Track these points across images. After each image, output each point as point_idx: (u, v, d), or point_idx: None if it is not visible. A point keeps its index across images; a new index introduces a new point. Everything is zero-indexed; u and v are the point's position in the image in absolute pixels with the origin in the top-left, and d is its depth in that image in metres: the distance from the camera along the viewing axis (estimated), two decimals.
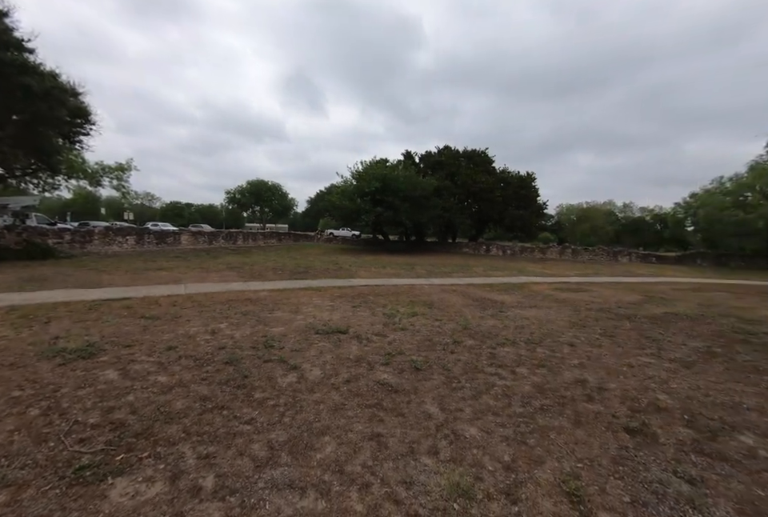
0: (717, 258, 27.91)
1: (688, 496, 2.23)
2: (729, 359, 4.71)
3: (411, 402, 3.30)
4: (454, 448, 2.64)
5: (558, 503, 2.15)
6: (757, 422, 3.15)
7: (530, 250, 28.72)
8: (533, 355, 4.56)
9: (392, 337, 5.17)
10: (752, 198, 26.13)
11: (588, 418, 3.08)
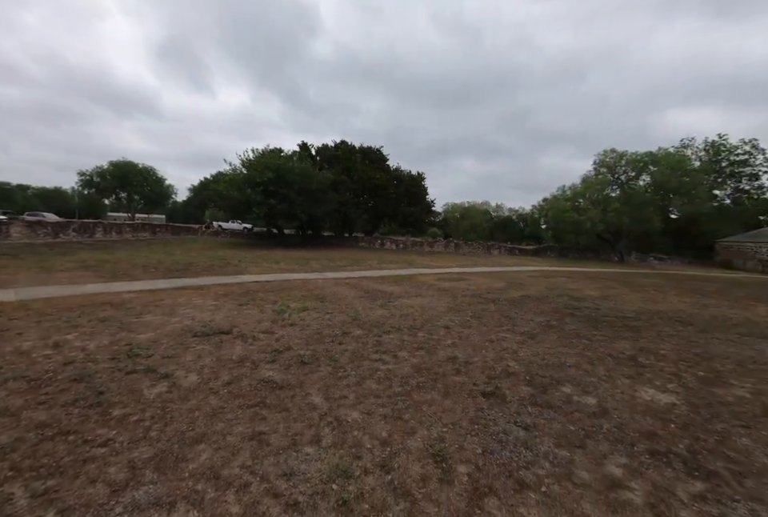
0: (561, 251, 34.59)
1: (523, 440, 2.77)
2: (560, 329, 5.95)
3: (296, 396, 3.30)
4: (336, 433, 2.75)
5: (425, 466, 2.44)
6: (574, 375, 4.07)
7: (420, 244, 31.09)
8: (414, 340, 5.01)
9: (280, 333, 5.06)
10: (583, 204, 33.00)
11: (455, 389, 3.55)
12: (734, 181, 41.14)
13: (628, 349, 5.08)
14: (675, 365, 4.54)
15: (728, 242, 36.04)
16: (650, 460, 2.63)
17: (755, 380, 4.21)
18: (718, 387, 3.94)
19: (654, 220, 29.44)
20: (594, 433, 2.92)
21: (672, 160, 31.57)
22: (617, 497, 2.26)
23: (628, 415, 3.22)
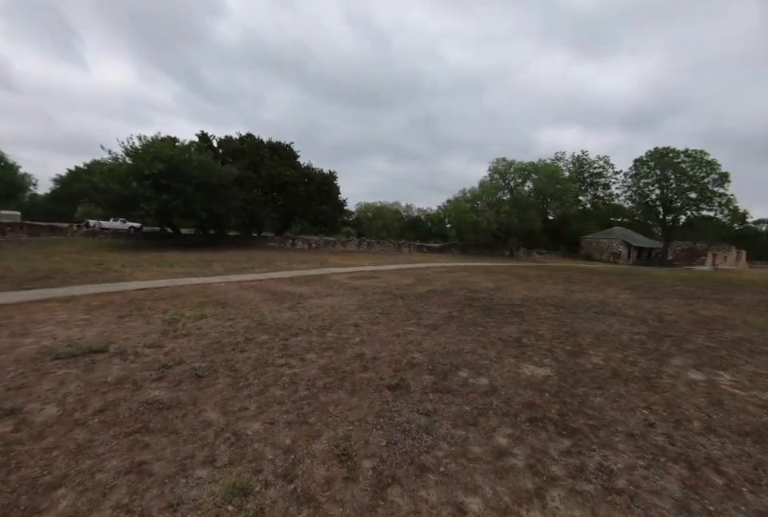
0: (463, 248, 37.89)
1: (424, 426, 2.93)
2: (460, 320, 6.49)
3: (188, 414, 2.96)
4: (234, 450, 2.54)
5: (330, 468, 2.40)
6: (470, 360, 4.46)
7: (333, 243, 30.94)
8: (323, 340, 4.93)
9: (171, 346, 4.50)
10: (480, 206, 36.65)
11: (362, 386, 3.59)
12: (593, 189, 50.22)
13: (514, 332, 5.78)
14: (550, 342, 5.31)
15: (589, 239, 43.79)
16: (530, 427, 3.01)
17: (606, 349, 5.17)
18: (580, 358, 4.73)
19: (536, 220, 34.25)
20: (485, 410, 3.24)
21: (549, 170, 37.02)
22: (503, 464, 2.53)
23: (513, 390, 3.65)
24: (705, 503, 2.28)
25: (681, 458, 2.72)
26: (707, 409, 3.51)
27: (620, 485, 2.40)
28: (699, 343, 5.71)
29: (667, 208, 39.73)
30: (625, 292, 11.13)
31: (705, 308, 9.00)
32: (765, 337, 6.36)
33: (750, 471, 2.60)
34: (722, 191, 37.02)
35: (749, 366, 4.77)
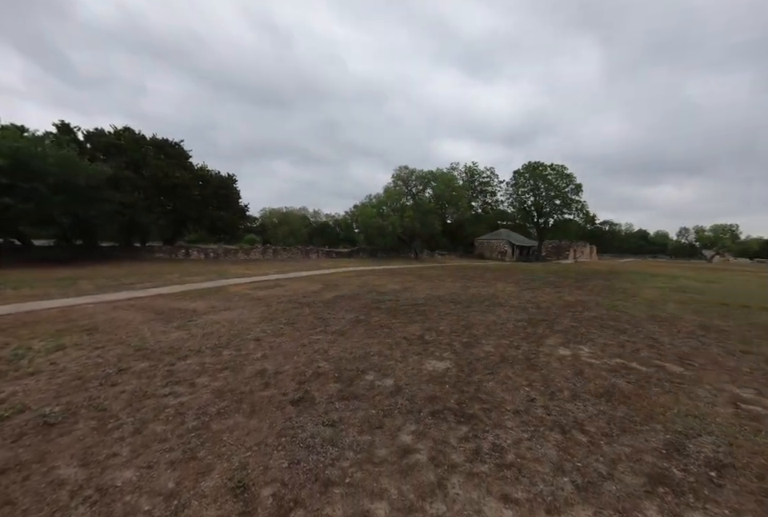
0: (371, 252, 38.81)
1: (329, 437, 2.82)
2: (367, 323, 6.55)
3: (32, 476, 2.34)
4: (96, 510, 2.07)
5: (222, 505, 2.12)
6: (376, 362, 4.50)
7: (235, 252, 28.71)
8: (218, 360, 4.45)
9: (10, 390, 3.55)
10: (386, 211, 38.02)
11: (262, 405, 3.31)
12: (483, 196, 56.39)
13: (418, 330, 6.06)
14: (449, 337, 5.71)
15: (481, 240, 48.99)
16: (432, 420, 3.14)
17: (496, 337, 5.76)
18: (474, 348, 5.17)
19: (437, 224, 36.95)
20: (390, 411, 3.28)
21: (446, 178, 40.30)
22: (408, 462, 2.57)
23: (417, 387, 3.78)
24: (574, 461, 2.65)
25: (555, 425, 3.14)
26: (573, 379, 4.14)
27: (509, 459, 2.64)
28: (566, 324, 6.78)
29: (539, 212, 46.95)
30: (510, 285, 12.70)
31: (569, 294, 10.79)
32: (610, 314, 7.88)
33: (604, 426, 3.12)
34: (577, 199, 45.38)
35: (601, 339, 5.82)
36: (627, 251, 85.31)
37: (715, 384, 4.12)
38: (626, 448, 2.82)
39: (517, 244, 48.07)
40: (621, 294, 11.11)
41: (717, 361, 4.92)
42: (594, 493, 2.32)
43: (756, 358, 5.09)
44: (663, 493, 2.35)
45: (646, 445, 2.87)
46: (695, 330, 6.63)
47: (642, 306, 9.03)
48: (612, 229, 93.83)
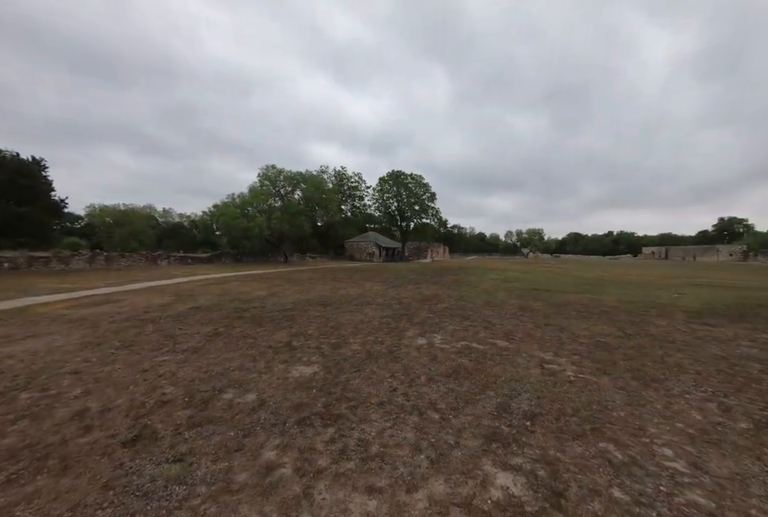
0: (236, 256, 35.67)
1: (176, 475, 2.41)
2: (228, 335, 5.94)
3: None
4: None
5: None
6: (237, 377, 4.11)
7: (46, 260, 22.21)
8: (11, 408, 3.32)
9: None
10: (251, 212, 35.50)
11: (80, 457, 2.61)
12: (351, 200, 58.36)
13: (285, 337, 5.82)
14: (317, 340, 5.66)
15: (351, 242, 50.72)
16: (298, 429, 3.03)
17: (363, 335, 5.99)
18: (343, 348, 5.26)
19: (306, 226, 36.44)
20: (252, 428, 3.03)
21: (315, 181, 40.08)
22: (271, 480, 2.40)
23: (282, 397, 3.60)
24: (429, 439, 2.93)
25: (414, 409, 3.43)
26: (429, 365, 4.63)
27: (374, 451, 2.76)
28: (423, 316, 7.57)
29: (402, 217, 51.54)
30: (377, 285, 13.49)
31: (426, 289, 12.12)
32: (458, 304, 9.17)
33: (452, 402, 3.57)
34: (433, 205, 51.59)
35: (450, 326, 6.69)
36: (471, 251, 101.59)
37: (529, 352, 5.22)
38: (468, 417, 3.29)
39: (384, 246, 51.56)
40: (466, 287, 13.10)
41: (530, 334, 6.26)
42: (444, 463, 2.61)
43: (552, 328, 6.69)
44: (495, 448, 2.82)
45: (483, 411, 3.42)
46: (516, 311, 8.31)
47: (482, 295, 10.84)
48: (460, 232, 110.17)
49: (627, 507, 2.22)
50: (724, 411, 3.50)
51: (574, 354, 5.11)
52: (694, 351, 5.36)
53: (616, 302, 9.90)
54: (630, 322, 7.21)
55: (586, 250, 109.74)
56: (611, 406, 3.55)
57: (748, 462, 2.70)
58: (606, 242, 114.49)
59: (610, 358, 4.98)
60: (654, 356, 5.09)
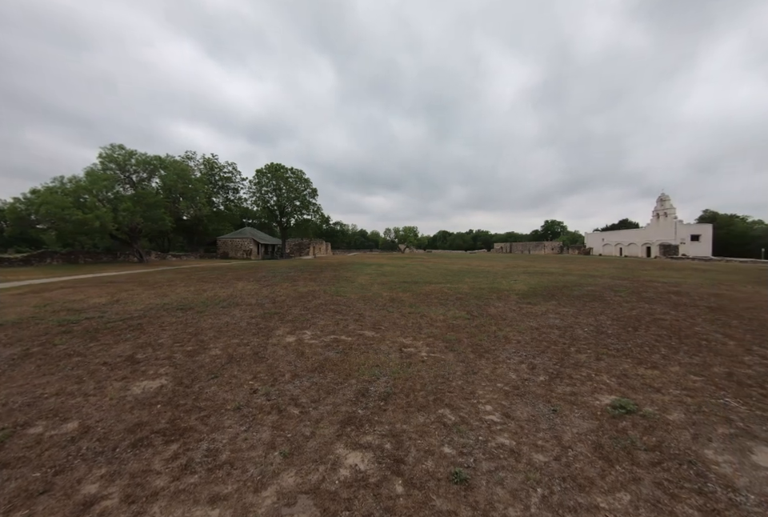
0: (69, 256, 28.67)
1: None
2: (44, 355, 4.77)
3: None
4: None
5: None
6: (52, 406, 3.34)
7: None
8: None
9: None
10: (90, 201, 28.95)
11: None
12: (224, 192, 52.98)
13: (128, 349, 4.99)
14: (170, 349, 5.02)
15: (225, 239, 46.30)
16: (131, 452, 2.66)
17: (227, 338, 5.58)
18: (200, 355, 4.80)
19: (167, 220, 31.63)
20: (67, 463, 2.52)
21: (178, 167, 34.94)
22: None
23: (114, 420, 3.10)
24: (285, 434, 2.93)
25: (274, 408, 3.38)
26: (295, 361, 4.60)
27: (224, 458, 2.61)
28: (296, 313, 7.47)
29: (282, 212, 49.36)
30: (251, 284, 12.68)
31: (304, 286, 11.97)
32: (334, 299, 9.33)
33: (314, 395, 3.64)
34: (314, 202, 50.80)
35: (322, 321, 6.77)
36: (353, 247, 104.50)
37: (393, 339, 5.68)
38: (328, 407, 3.41)
39: (262, 242, 48.69)
40: (344, 282, 13.42)
41: (395, 322, 6.81)
42: (298, 455, 2.66)
43: (415, 316, 7.43)
44: (349, 431, 2.99)
45: (343, 398, 3.58)
46: (386, 303, 8.93)
47: (357, 290, 11.27)
48: (342, 228, 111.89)
49: (453, 459, 2.64)
50: (531, 369, 4.47)
51: (429, 337, 5.80)
52: (518, 325, 6.68)
53: (469, 289, 11.58)
54: (476, 306, 8.54)
55: (452, 245, 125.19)
56: (452, 377, 4.16)
57: (541, 405, 3.53)
58: (468, 238, 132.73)
59: (457, 337, 5.83)
60: (490, 332, 6.16)
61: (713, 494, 2.32)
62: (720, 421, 3.24)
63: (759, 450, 2.82)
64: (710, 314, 7.81)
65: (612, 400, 3.59)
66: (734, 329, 6.55)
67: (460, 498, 2.25)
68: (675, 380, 4.15)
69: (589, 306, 8.61)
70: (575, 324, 6.79)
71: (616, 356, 4.97)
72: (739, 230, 61.38)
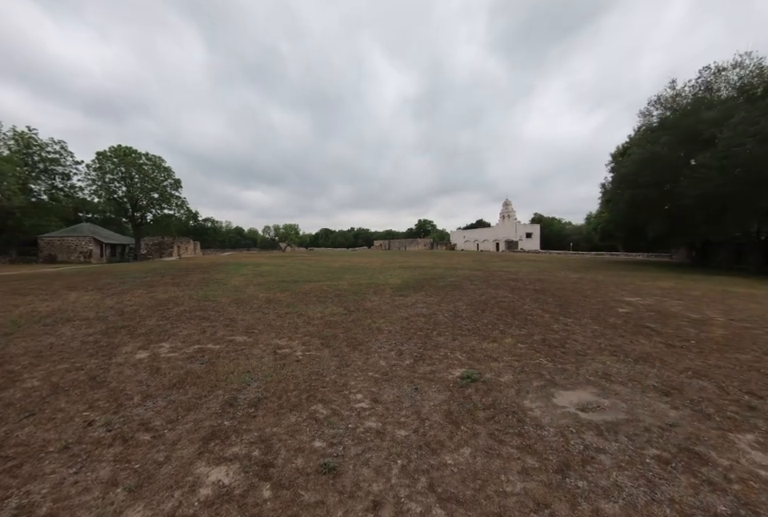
0: None
1: None
2: None
3: None
4: None
5: None
6: None
7: None
8: None
9: None
10: None
11: None
12: (49, 177, 41.55)
13: None
14: None
15: (51, 238, 36.60)
16: None
17: (49, 364, 4.47)
18: (6, 391, 3.74)
19: None
20: None
21: None
22: None
23: None
24: (133, 465, 2.54)
25: (117, 437, 2.88)
26: (147, 380, 4.00)
27: (43, 513, 2.13)
28: (152, 325, 6.47)
29: (135, 206, 41.53)
30: (90, 293, 10.38)
31: (164, 292, 10.42)
32: (201, 305, 8.39)
33: (171, 414, 3.23)
34: (177, 194, 44.20)
35: (184, 331, 6.04)
36: (228, 246, 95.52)
37: (267, 342, 5.45)
38: (188, 425, 3.09)
39: (108, 242, 40.32)
40: (215, 285, 12.18)
41: (271, 324, 6.55)
42: (148, 486, 2.34)
43: (292, 315, 7.28)
44: (213, 446, 2.78)
45: (207, 413, 3.29)
46: (262, 304, 8.49)
47: (230, 293, 10.38)
48: (214, 226, 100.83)
49: (323, 451, 2.72)
50: (398, 355, 4.89)
51: (306, 336, 5.78)
52: (390, 316, 7.21)
53: (348, 285, 11.92)
54: (353, 301, 8.86)
55: (334, 243, 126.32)
56: (326, 372, 4.25)
57: (405, 386, 3.90)
58: (349, 236, 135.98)
59: (334, 332, 5.96)
60: (365, 325, 6.49)
61: (527, 433, 2.98)
62: (535, 377, 4.15)
63: (558, 394, 3.73)
64: (535, 295, 9.87)
65: (461, 372, 4.22)
66: (549, 305, 8.43)
67: (328, 486, 2.34)
68: (508, 349, 5.14)
69: (450, 295, 9.87)
70: (438, 311, 7.71)
71: (467, 335, 5.85)
72: (557, 229, 79.12)
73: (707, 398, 3.62)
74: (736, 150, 15.84)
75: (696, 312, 7.77)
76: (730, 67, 19.19)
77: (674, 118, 20.21)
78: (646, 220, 22.86)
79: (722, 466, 2.55)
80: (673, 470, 2.51)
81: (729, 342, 5.55)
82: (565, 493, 2.28)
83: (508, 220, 70.00)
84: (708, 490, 2.30)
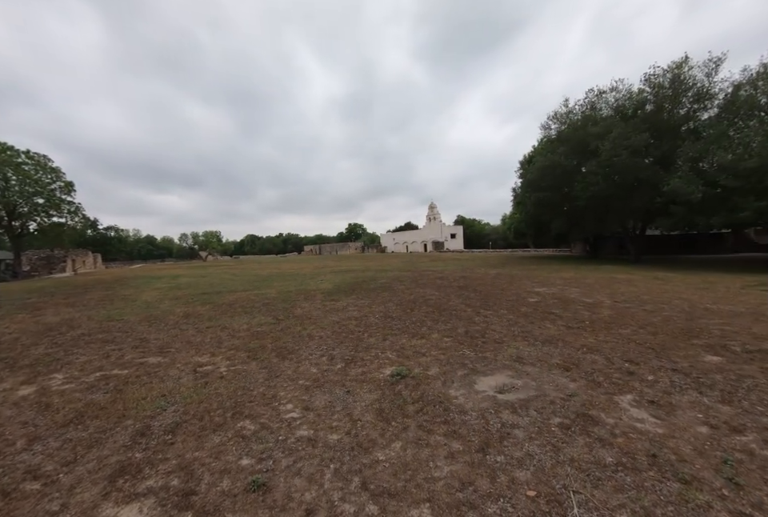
0: None
1: None
2: None
3: None
4: None
5: None
6: None
7: None
8: None
9: None
10: None
11: None
12: None
13: None
14: None
15: None
16: None
17: None
18: None
19: None
20: None
21: None
22: None
23: None
24: None
25: None
26: (35, 420, 3.42)
27: None
28: (38, 354, 5.51)
29: (12, 213, 34.83)
30: None
31: (54, 315, 8.94)
32: (103, 326, 7.38)
33: (49, 463, 2.81)
34: (70, 199, 37.97)
35: (81, 358, 5.27)
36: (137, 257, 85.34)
37: (185, 360, 5.01)
38: (90, 464, 2.71)
39: None
40: (121, 302, 10.79)
41: (189, 341, 6.03)
42: None
43: (214, 329, 6.78)
44: (122, 483, 2.48)
45: (113, 447, 2.92)
46: (179, 320, 7.77)
47: (140, 310, 9.29)
48: (119, 235, 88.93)
49: (251, 468, 2.59)
50: (330, 360, 4.86)
51: (231, 350, 5.43)
52: (322, 321, 7.12)
53: (277, 293, 11.47)
54: (283, 309, 8.56)
55: (262, 250, 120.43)
56: (253, 386, 4.05)
57: (337, 390, 3.89)
58: (278, 242, 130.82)
59: (261, 343, 5.70)
60: (295, 333, 6.32)
61: (453, 420, 3.18)
62: (459, 367, 4.45)
63: (479, 380, 4.04)
64: (459, 291, 10.55)
65: (392, 370, 4.35)
66: (471, 300, 9.08)
67: (257, 504, 2.25)
68: (435, 344, 5.42)
69: (381, 296, 10.07)
70: (369, 313, 7.82)
71: (397, 334, 6.03)
72: (478, 229, 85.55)
73: (598, 369, 4.24)
74: (615, 160, 18.82)
75: (589, 297, 9.02)
76: (608, 90, 22.67)
77: (568, 132, 23.27)
78: (550, 219, 26.31)
79: (609, 425, 3.01)
80: (572, 433, 2.89)
81: (614, 320, 6.56)
82: (486, 469, 2.49)
83: (434, 222, 73.65)
84: (599, 447, 2.70)
